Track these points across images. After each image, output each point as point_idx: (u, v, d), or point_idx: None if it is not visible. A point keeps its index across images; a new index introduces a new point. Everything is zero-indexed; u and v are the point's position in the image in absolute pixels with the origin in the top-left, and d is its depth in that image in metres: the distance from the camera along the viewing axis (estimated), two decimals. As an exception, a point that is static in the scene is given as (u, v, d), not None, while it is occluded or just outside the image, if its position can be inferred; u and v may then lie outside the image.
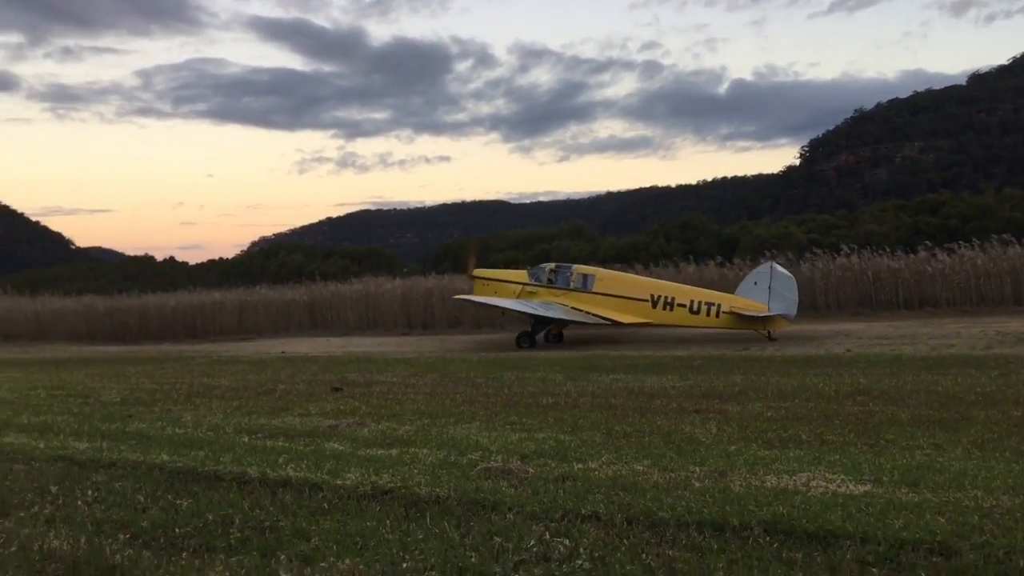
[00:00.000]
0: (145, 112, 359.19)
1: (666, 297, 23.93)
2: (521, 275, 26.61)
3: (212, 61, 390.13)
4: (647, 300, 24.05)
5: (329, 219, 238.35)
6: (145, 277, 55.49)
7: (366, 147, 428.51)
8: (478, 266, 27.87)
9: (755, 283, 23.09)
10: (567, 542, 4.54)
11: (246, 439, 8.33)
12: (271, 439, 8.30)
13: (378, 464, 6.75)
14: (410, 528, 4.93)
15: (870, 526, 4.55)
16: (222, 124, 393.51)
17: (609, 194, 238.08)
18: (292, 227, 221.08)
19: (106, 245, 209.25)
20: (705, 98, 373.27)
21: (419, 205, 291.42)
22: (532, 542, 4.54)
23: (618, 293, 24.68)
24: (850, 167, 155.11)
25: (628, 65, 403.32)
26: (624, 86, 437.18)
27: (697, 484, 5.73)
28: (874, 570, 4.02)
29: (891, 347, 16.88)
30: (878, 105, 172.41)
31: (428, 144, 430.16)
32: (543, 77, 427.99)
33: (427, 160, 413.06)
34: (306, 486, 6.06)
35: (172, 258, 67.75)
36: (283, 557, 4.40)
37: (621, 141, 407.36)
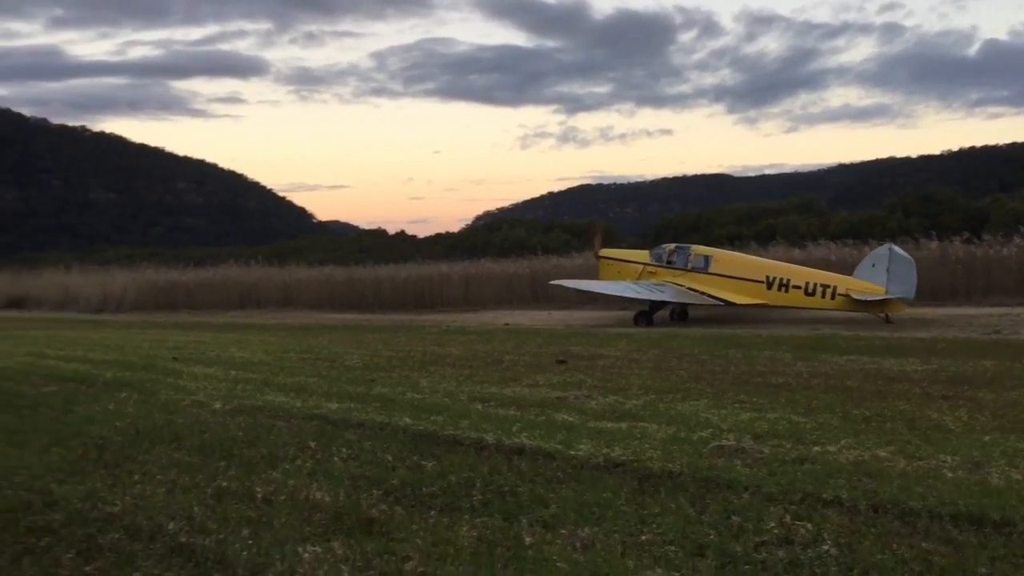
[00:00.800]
0: (379, 92, 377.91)
1: (781, 278, 23.95)
2: (643, 255, 27.05)
3: (441, 41, 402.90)
4: (762, 281, 24.18)
5: (550, 193, 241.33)
6: (378, 249, 58.61)
7: (587, 121, 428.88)
8: (604, 246, 28.24)
9: (873, 265, 22.87)
10: (809, 526, 4.41)
11: (479, 406, 8.67)
12: (503, 408, 8.59)
13: (608, 437, 6.83)
14: (645, 501, 4.97)
15: None
16: (448, 102, 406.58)
17: (841, 166, 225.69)
18: (514, 201, 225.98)
19: (343, 219, 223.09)
20: (952, 61, 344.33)
21: (639, 179, 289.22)
22: (772, 524, 4.46)
23: (734, 274, 24.88)
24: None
25: (865, 28, 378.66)
26: (860, 51, 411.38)
27: (949, 474, 5.39)
28: None
29: None
30: None
31: (649, 117, 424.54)
32: (771, 45, 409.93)
33: (648, 133, 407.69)
34: (540, 454, 6.23)
35: (402, 231, 71.18)
36: (525, 521, 4.57)
37: (855, 110, 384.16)
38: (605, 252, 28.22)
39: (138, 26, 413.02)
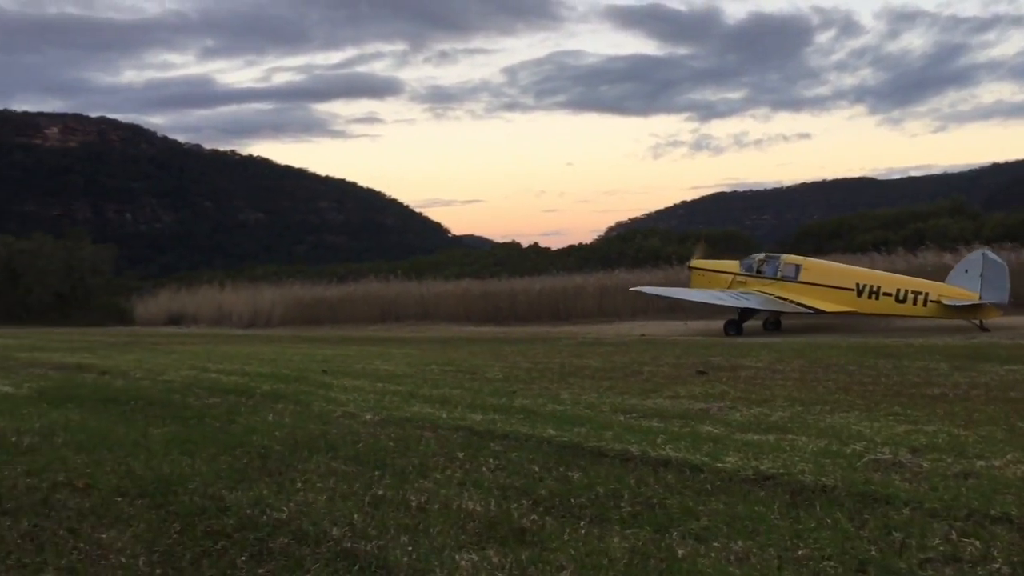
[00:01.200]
0: (511, 107, 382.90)
1: (871, 286, 23.93)
2: (733, 265, 27.39)
3: (571, 53, 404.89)
4: (852, 289, 24.16)
5: (684, 202, 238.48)
6: (512, 262, 59.19)
7: (720, 128, 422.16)
8: (704, 256, 29.10)
9: (966, 271, 22.72)
10: (977, 543, 4.23)
11: (622, 418, 8.66)
12: (645, 419, 8.56)
13: (756, 449, 6.72)
14: (799, 516, 4.87)
15: None
16: (579, 113, 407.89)
17: (995, 166, 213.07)
18: (647, 211, 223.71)
19: (477, 232, 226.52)
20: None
21: (776, 185, 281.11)
22: (937, 540, 4.30)
23: (823, 282, 24.98)
24: None
25: (1018, 21, 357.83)
26: (1013, 44, 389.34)
27: None
28: None
29: None
30: None
31: (786, 121, 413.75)
32: (916, 41, 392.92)
33: (785, 138, 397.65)
34: (687, 467, 6.19)
35: (536, 244, 71.64)
36: (675, 534, 4.56)
37: (1010, 106, 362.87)
38: (696, 263, 28.64)
39: (281, 53, 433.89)
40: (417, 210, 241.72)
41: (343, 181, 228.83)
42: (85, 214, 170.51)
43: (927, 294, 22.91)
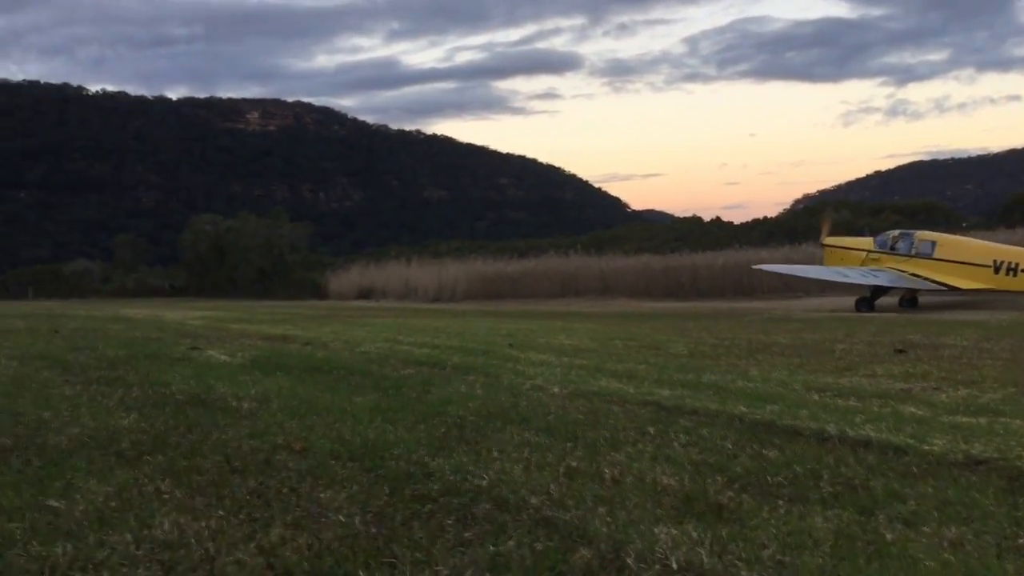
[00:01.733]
0: (691, 78, 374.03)
1: (1010, 263, 23.60)
2: (867, 243, 27.52)
3: (755, 20, 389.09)
4: (989, 266, 23.86)
5: (877, 173, 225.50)
6: (694, 237, 58.28)
7: (919, 92, 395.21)
8: (832, 234, 29.15)
9: None
10: None
11: (816, 396, 8.41)
12: (841, 398, 8.28)
13: (966, 432, 6.37)
14: (1018, 503, 4.60)
15: None
16: (764, 82, 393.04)
17: None
18: (837, 183, 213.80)
19: (657, 207, 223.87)
20: None
21: (982, 152, 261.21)
22: None
23: (959, 259, 24.75)
24: None
25: None
26: None
27: None
28: None
29: None
30: None
31: (993, 83, 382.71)
32: None
33: (992, 101, 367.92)
34: (889, 448, 5.95)
35: (718, 218, 70.17)
36: (882, 517, 4.41)
37: None
38: (829, 240, 28.84)
39: (463, 32, 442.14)
40: (596, 185, 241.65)
41: (523, 157, 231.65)
42: (283, 194, 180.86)
43: None
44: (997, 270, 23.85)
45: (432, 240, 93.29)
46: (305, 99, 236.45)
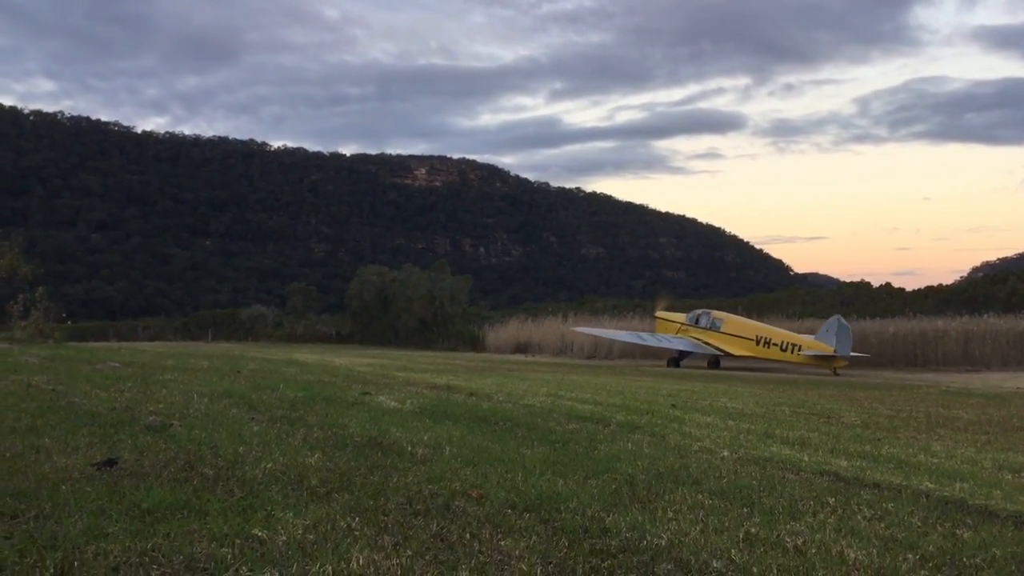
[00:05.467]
0: (861, 139, 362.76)
1: (766, 338, 33.05)
2: (681, 317, 37.23)
3: (931, 79, 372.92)
4: (753, 339, 33.25)
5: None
6: (861, 302, 55.80)
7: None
8: (665, 310, 39.85)
9: (826, 331, 31.57)
10: None
11: (1009, 476, 7.94)
12: (1038, 480, 7.76)
13: None
14: None
15: None
16: (940, 144, 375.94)
17: None
18: (1020, 251, 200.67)
19: (821, 271, 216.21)
20: None
21: None
22: None
23: (735, 333, 34.09)
24: None
25: None
26: None
27: None
28: None
29: None
30: None
31: None
32: None
33: None
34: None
35: (887, 284, 66.86)
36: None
37: None
38: (660, 314, 39.18)
39: (625, 92, 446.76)
40: (758, 246, 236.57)
41: (682, 217, 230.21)
42: (445, 247, 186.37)
43: (800, 346, 31.75)
44: (758, 343, 32.84)
45: (588, 297, 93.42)
46: (469, 156, 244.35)
